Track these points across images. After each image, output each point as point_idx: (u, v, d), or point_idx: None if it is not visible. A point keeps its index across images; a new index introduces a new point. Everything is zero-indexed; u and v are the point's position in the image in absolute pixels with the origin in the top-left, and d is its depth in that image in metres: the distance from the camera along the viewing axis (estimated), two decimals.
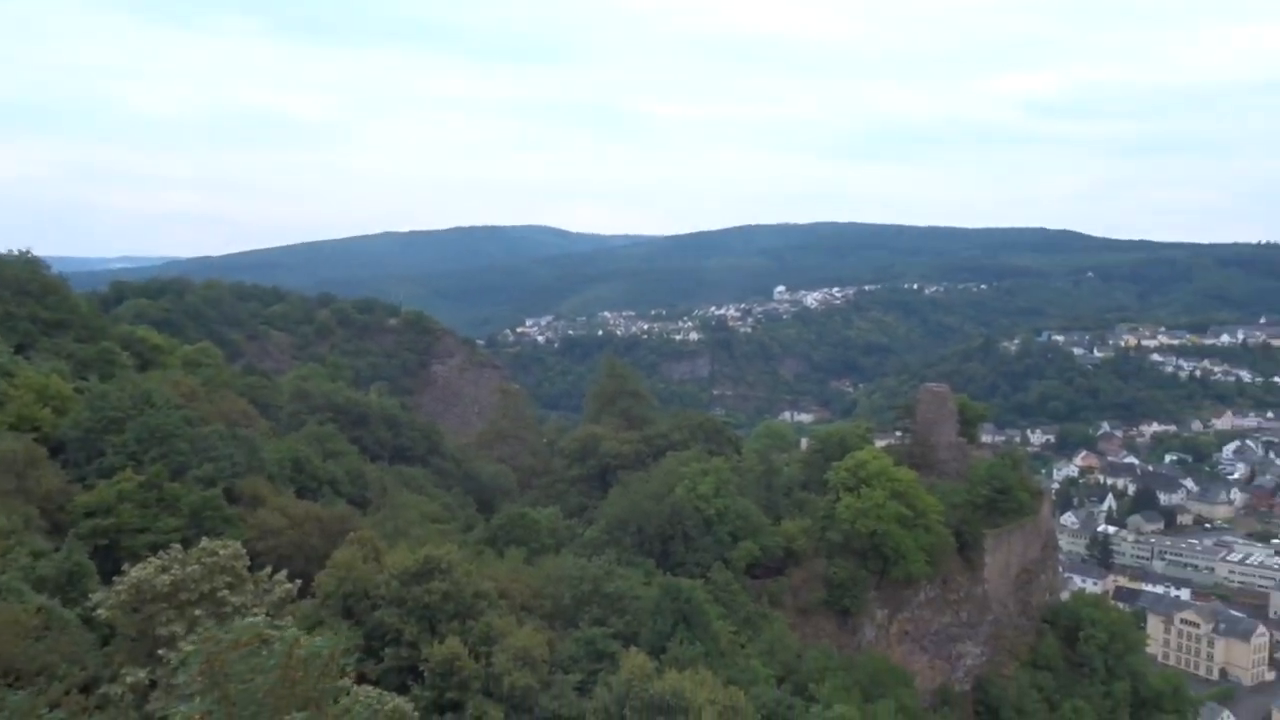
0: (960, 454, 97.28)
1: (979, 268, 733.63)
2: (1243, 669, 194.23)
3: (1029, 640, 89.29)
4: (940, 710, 77.39)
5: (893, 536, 76.75)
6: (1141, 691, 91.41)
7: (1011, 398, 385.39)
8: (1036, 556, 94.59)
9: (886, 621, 79.97)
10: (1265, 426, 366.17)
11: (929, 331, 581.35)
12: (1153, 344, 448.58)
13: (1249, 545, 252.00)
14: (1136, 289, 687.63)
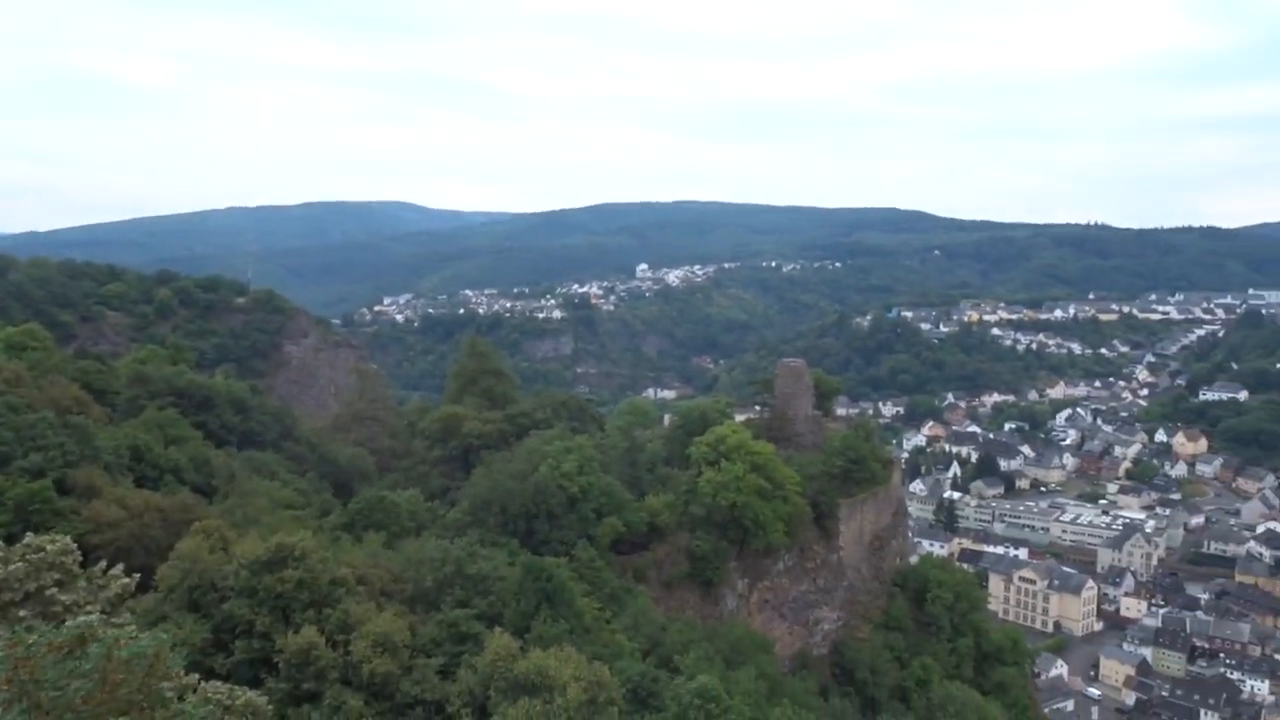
0: (816, 426, 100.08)
1: (834, 246, 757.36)
2: (1074, 621, 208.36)
3: (881, 603, 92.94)
4: (799, 674, 79.65)
5: (752, 508, 78.32)
6: (984, 646, 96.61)
7: (864, 371, 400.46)
8: (888, 523, 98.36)
9: (747, 591, 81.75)
10: (1094, 395, 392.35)
11: (786, 308, 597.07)
12: (993, 319, 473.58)
13: (1079, 506, 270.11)
14: (979, 267, 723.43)
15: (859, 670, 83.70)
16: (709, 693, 52.17)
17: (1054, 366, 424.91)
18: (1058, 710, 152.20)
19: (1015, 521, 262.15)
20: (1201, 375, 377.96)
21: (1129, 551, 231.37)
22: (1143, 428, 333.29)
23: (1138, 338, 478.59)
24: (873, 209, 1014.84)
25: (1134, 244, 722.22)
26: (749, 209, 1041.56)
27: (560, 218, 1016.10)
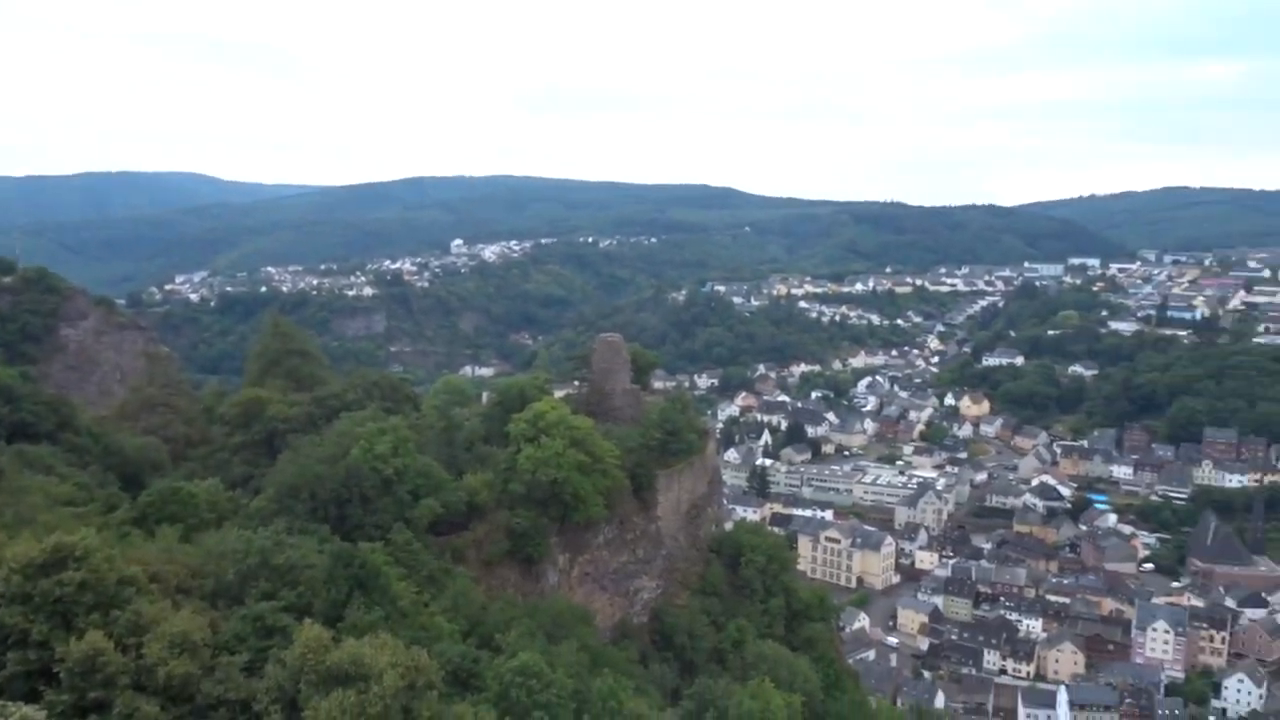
0: (634, 400, 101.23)
1: (649, 222, 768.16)
2: (875, 575, 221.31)
3: (698, 570, 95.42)
4: (620, 644, 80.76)
5: (572, 483, 78.43)
6: (794, 605, 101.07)
7: (681, 345, 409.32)
8: (704, 492, 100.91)
9: (568, 565, 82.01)
10: (891, 363, 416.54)
11: (603, 284, 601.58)
12: (800, 293, 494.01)
13: (879, 468, 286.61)
14: (786, 242, 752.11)
15: (677, 635, 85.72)
16: (530, 669, 52.05)
17: (855, 337, 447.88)
18: (861, 660, 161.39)
19: (822, 485, 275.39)
20: (984, 343, 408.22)
21: (922, 509, 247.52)
22: (934, 393, 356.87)
23: (929, 308, 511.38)
24: (686, 186, 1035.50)
25: (926, 220, 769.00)
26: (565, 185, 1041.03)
27: (370, 191, 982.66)
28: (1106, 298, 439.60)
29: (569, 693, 53.70)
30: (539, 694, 51.11)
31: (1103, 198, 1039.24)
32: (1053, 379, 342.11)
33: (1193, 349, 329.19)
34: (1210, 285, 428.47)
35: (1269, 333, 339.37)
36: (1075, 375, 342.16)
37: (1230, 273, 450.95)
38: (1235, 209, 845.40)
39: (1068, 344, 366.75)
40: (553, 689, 52.03)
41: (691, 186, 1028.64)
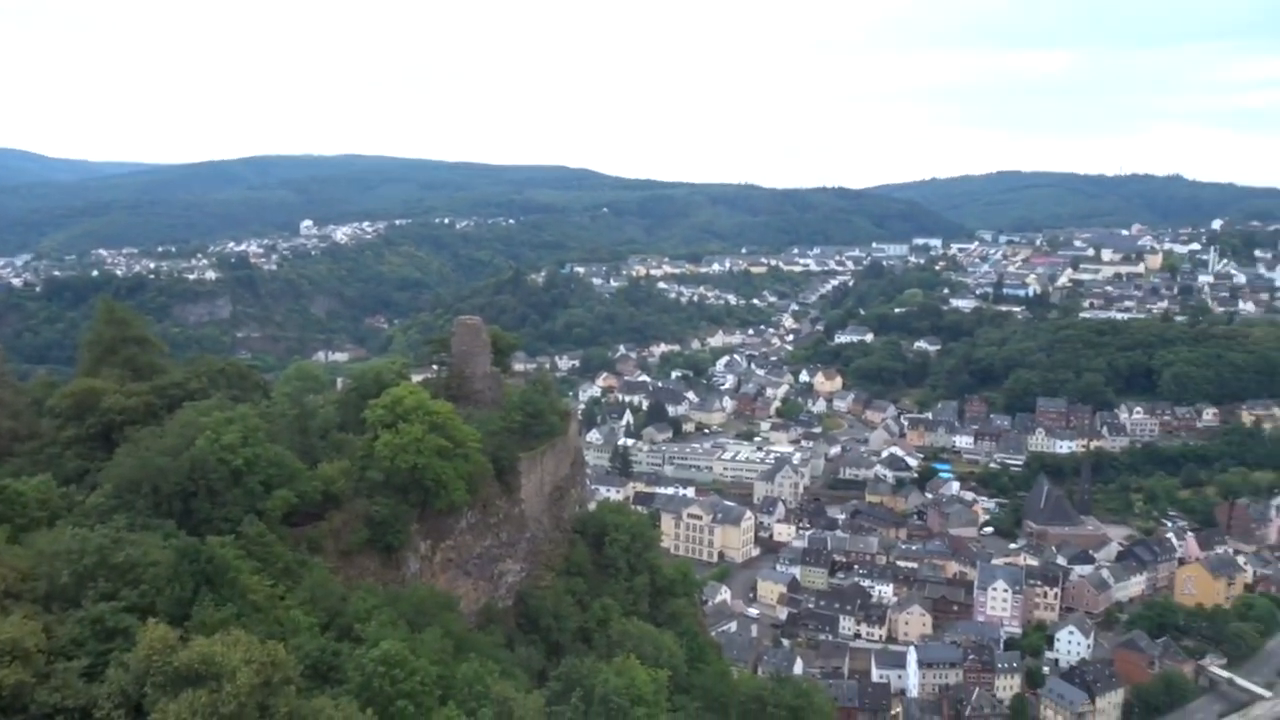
0: (495, 383, 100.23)
1: (507, 203, 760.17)
2: (736, 549, 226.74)
3: (563, 551, 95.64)
4: (486, 628, 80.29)
5: (433, 469, 77.11)
6: (658, 582, 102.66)
7: (541, 327, 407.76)
8: (567, 473, 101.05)
9: (430, 552, 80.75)
10: (748, 342, 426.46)
11: (461, 265, 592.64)
12: (659, 273, 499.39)
13: (738, 444, 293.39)
14: (644, 223, 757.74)
15: (543, 617, 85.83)
16: (393, 658, 51.20)
17: (713, 317, 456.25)
18: (723, 632, 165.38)
19: (683, 463, 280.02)
20: (836, 321, 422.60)
21: (780, 483, 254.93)
22: (789, 370, 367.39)
23: (783, 288, 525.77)
24: (543, 167, 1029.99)
25: (779, 202, 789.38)
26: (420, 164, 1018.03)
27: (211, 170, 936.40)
28: (948, 276, 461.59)
29: (433, 679, 53.12)
30: (402, 682, 50.37)
31: (943, 181, 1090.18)
32: (900, 355, 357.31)
33: (1026, 324, 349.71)
34: (1041, 264, 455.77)
35: (1093, 308, 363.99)
36: (920, 351, 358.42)
37: (1059, 252, 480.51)
38: (1063, 192, 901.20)
39: (913, 321, 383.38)
40: (416, 677, 51.37)
41: (549, 168, 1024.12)
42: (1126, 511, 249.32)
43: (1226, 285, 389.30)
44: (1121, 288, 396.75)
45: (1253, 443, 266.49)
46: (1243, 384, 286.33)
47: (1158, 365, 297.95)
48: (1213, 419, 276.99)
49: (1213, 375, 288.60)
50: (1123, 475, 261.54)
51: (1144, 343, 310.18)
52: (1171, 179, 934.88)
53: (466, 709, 55.30)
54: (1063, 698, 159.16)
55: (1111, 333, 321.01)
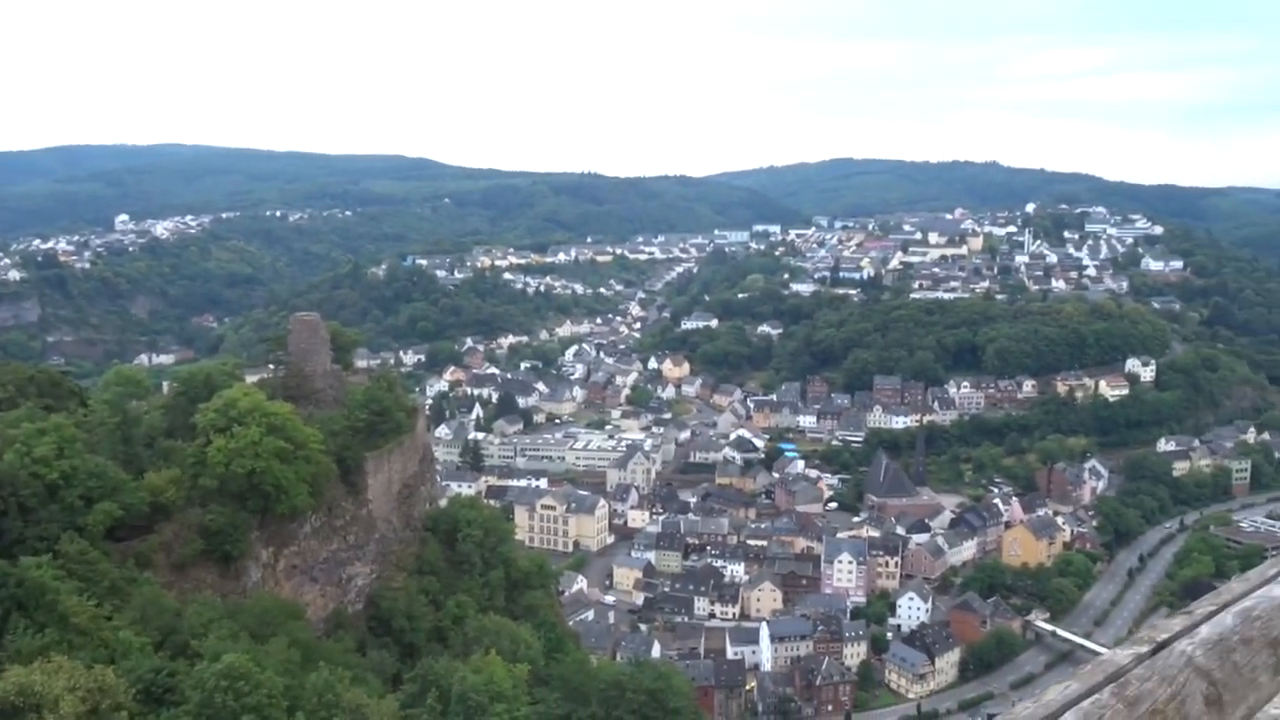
0: (337, 381, 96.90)
1: (343, 194, 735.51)
2: (591, 538, 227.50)
3: (414, 550, 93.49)
4: (335, 635, 77.66)
5: (273, 473, 73.91)
6: (513, 575, 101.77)
7: (383, 321, 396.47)
8: (416, 471, 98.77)
9: (273, 559, 77.41)
10: (596, 331, 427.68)
11: (295, 260, 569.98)
12: (504, 264, 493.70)
13: (590, 433, 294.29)
14: (488, 214, 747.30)
15: (396, 619, 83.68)
16: (235, 671, 48.76)
17: (561, 307, 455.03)
18: (581, 621, 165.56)
19: (535, 454, 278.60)
20: (682, 307, 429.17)
21: (632, 469, 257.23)
22: (638, 357, 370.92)
23: (629, 276, 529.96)
24: (379, 156, 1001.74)
25: (622, 191, 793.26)
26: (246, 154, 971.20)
27: (9, 161, 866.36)
28: (787, 261, 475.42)
29: (280, 691, 50.84)
30: (247, 696, 48.00)
31: (781, 168, 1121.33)
32: (744, 339, 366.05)
33: (862, 306, 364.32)
34: (874, 248, 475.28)
35: (922, 289, 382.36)
36: (764, 334, 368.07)
37: (889, 236, 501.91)
38: (892, 178, 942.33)
39: (756, 306, 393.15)
40: (262, 690, 49.08)
41: (386, 157, 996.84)
42: (957, 481, 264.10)
43: (1040, 265, 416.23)
44: (947, 269, 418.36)
45: (1067, 411, 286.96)
46: (1057, 356, 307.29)
47: (982, 342, 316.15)
48: (1032, 390, 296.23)
49: (1030, 349, 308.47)
50: (953, 447, 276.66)
51: (969, 320, 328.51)
52: (989, 165, 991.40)
53: (318, 719, 53.24)
54: (905, 661, 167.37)
55: (940, 312, 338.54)
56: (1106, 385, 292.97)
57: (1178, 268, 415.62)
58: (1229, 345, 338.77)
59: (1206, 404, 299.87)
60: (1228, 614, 4.84)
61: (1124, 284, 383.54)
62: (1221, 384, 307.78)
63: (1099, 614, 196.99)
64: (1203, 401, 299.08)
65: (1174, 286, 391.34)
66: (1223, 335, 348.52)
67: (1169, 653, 4.41)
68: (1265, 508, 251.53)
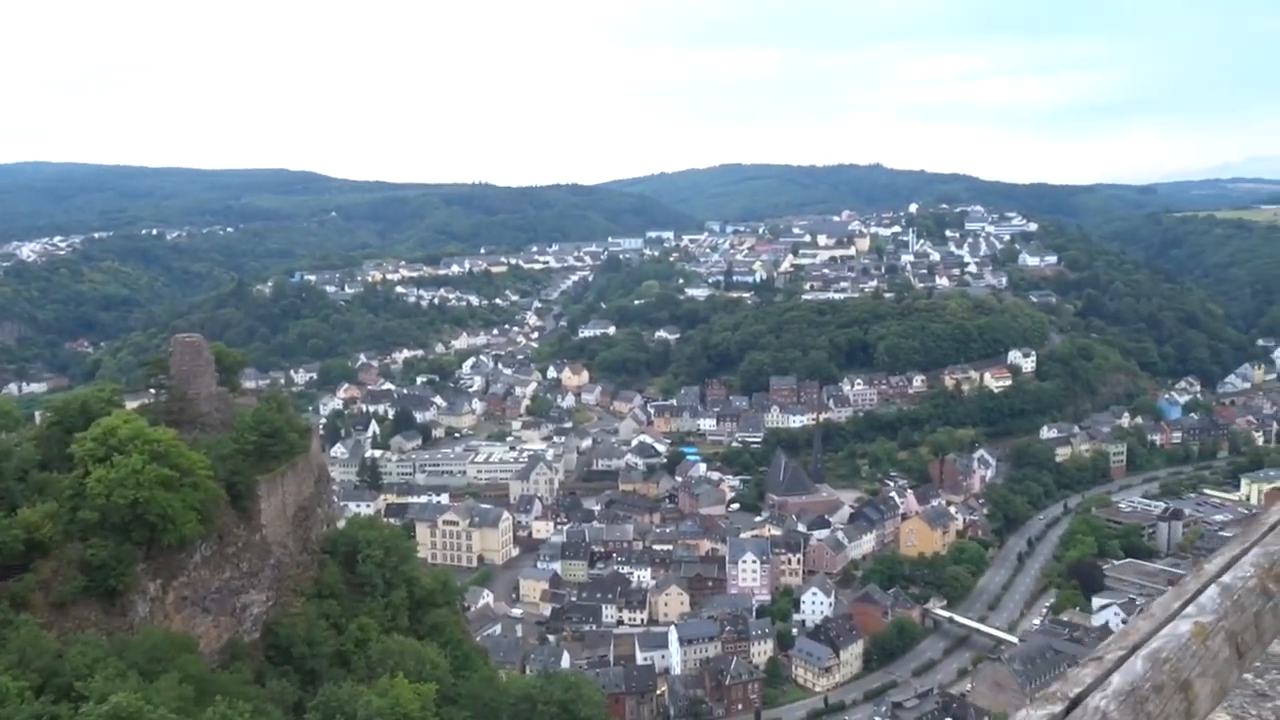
0: (224, 404, 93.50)
1: (224, 210, 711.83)
2: (495, 551, 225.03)
3: (312, 574, 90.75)
4: (231, 667, 74.80)
5: (158, 501, 70.70)
6: (417, 594, 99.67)
7: (271, 340, 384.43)
8: (311, 492, 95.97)
9: (161, 592, 74.07)
10: (493, 342, 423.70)
11: (175, 280, 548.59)
12: (396, 278, 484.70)
13: (490, 446, 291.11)
14: (377, 227, 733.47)
15: (295, 646, 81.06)
16: (124, 712, 46.63)
17: (456, 319, 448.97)
18: (488, 635, 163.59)
19: (435, 469, 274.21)
20: (578, 316, 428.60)
21: (535, 480, 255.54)
22: (536, 367, 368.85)
23: (525, 286, 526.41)
24: (261, 170, 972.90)
25: (515, 201, 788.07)
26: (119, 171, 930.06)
27: None
28: (682, 267, 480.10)
29: None
30: None
31: (671, 175, 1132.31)
32: (642, 345, 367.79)
33: (756, 309, 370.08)
34: (765, 251, 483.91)
35: (813, 290, 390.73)
36: (661, 340, 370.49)
37: (780, 239, 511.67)
38: (780, 182, 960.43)
39: (652, 311, 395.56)
40: None
41: (269, 171, 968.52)
42: (854, 476, 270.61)
43: (925, 263, 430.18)
44: (836, 270, 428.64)
45: (955, 404, 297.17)
46: (944, 351, 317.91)
47: (872, 339, 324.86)
48: (921, 385, 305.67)
49: (919, 345, 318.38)
50: (849, 443, 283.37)
51: (859, 319, 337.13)
52: (873, 168, 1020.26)
53: None
54: (811, 655, 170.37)
55: (831, 312, 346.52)
56: (991, 377, 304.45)
57: (1052, 262, 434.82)
58: (1102, 335, 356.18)
59: (1084, 391, 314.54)
60: (1137, 659, 4.69)
61: (1003, 279, 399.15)
62: (1096, 372, 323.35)
63: (992, 598, 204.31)
64: (1080, 389, 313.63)
65: (1049, 280, 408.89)
66: (1096, 325, 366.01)
67: (1083, 710, 4.38)
68: (1141, 488, 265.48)
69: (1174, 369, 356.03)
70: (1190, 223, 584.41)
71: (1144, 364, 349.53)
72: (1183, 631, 4.88)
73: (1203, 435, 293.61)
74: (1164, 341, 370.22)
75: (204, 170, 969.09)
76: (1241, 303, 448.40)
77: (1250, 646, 5.17)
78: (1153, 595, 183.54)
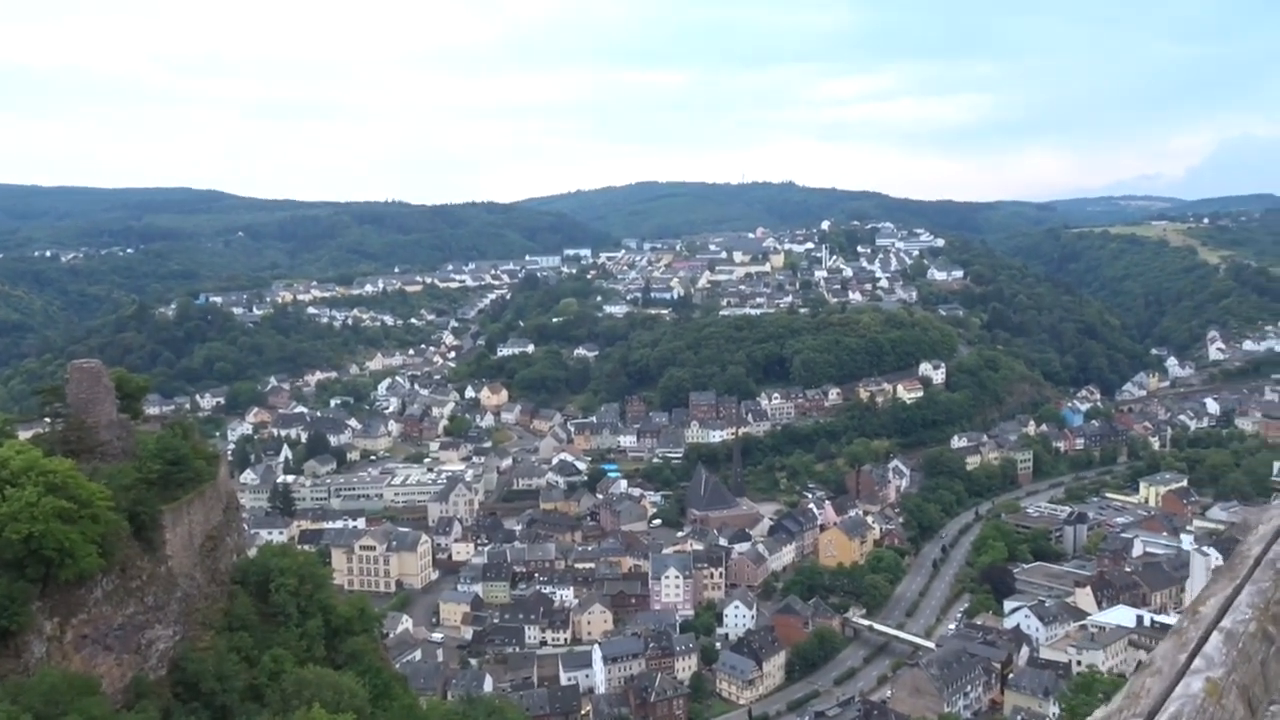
0: (125, 431, 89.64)
1: (123, 231, 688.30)
2: (414, 575, 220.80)
3: (222, 605, 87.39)
4: (136, 706, 71.54)
5: (55, 535, 67.38)
6: (333, 622, 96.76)
7: (175, 365, 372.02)
8: (220, 521, 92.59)
9: (59, 631, 70.41)
10: (409, 363, 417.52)
11: (71, 303, 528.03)
12: (307, 298, 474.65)
13: (408, 468, 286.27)
14: (286, 246, 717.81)
15: (205, 681, 77.84)
16: None
17: (370, 340, 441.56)
18: (408, 661, 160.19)
19: (351, 493, 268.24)
20: (496, 334, 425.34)
21: (454, 501, 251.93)
22: (454, 387, 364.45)
23: (441, 305, 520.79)
24: (163, 189, 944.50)
25: (429, 219, 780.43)
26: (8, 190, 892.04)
27: None
28: (599, 284, 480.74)
29: None
30: None
31: (588, 192, 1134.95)
32: (561, 363, 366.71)
33: (674, 325, 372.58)
34: (682, 268, 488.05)
35: (730, 306, 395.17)
36: (580, 357, 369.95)
37: (696, 256, 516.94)
38: (695, 200, 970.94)
39: (571, 329, 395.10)
40: None
41: (171, 190, 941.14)
42: (773, 489, 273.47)
43: (838, 279, 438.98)
44: (752, 286, 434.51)
45: (870, 415, 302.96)
46: (858, 364, 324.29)
47: (788, 354, 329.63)
48: (837, 398, 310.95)
49: (833, 359, 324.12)
50: (768, 456, 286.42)
51: (775, 335, 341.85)
52: (785, 186, 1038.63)
53: None
54: (734, 668, 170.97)
55: (748, 327, 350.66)
56: (904, 389, 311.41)
57: (959, 277, 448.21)
58: (1007, 346, 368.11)
59: (991, 401, 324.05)
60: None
61: (913, 294, 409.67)
62: (1003, 382, 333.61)
63: (910, 605, 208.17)
64: (988, 399, 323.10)
65: (957, 294, 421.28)
66: (1001, 337, 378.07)
67: None
68: (1047, 493, 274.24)
69: (1075, 378, 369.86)
70: (1087, 238, 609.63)
71: (1047, 374, 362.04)
72: (1196, 691, 4.58)
73: (1103, 441, 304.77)
74: (1065, 351, 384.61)
75: (102, 189, 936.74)
76: (1136, 314, 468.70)
77: (1260, 700, 4.91)
78: (1060, 597, 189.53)
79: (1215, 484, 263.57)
